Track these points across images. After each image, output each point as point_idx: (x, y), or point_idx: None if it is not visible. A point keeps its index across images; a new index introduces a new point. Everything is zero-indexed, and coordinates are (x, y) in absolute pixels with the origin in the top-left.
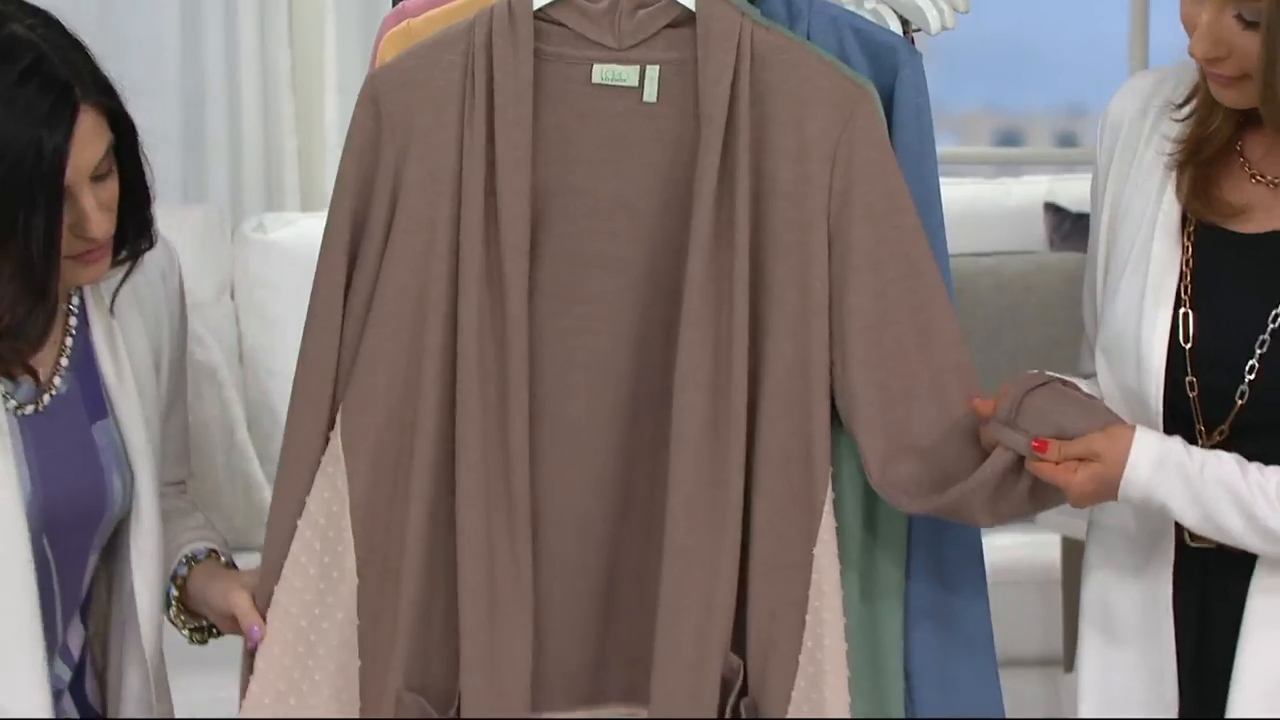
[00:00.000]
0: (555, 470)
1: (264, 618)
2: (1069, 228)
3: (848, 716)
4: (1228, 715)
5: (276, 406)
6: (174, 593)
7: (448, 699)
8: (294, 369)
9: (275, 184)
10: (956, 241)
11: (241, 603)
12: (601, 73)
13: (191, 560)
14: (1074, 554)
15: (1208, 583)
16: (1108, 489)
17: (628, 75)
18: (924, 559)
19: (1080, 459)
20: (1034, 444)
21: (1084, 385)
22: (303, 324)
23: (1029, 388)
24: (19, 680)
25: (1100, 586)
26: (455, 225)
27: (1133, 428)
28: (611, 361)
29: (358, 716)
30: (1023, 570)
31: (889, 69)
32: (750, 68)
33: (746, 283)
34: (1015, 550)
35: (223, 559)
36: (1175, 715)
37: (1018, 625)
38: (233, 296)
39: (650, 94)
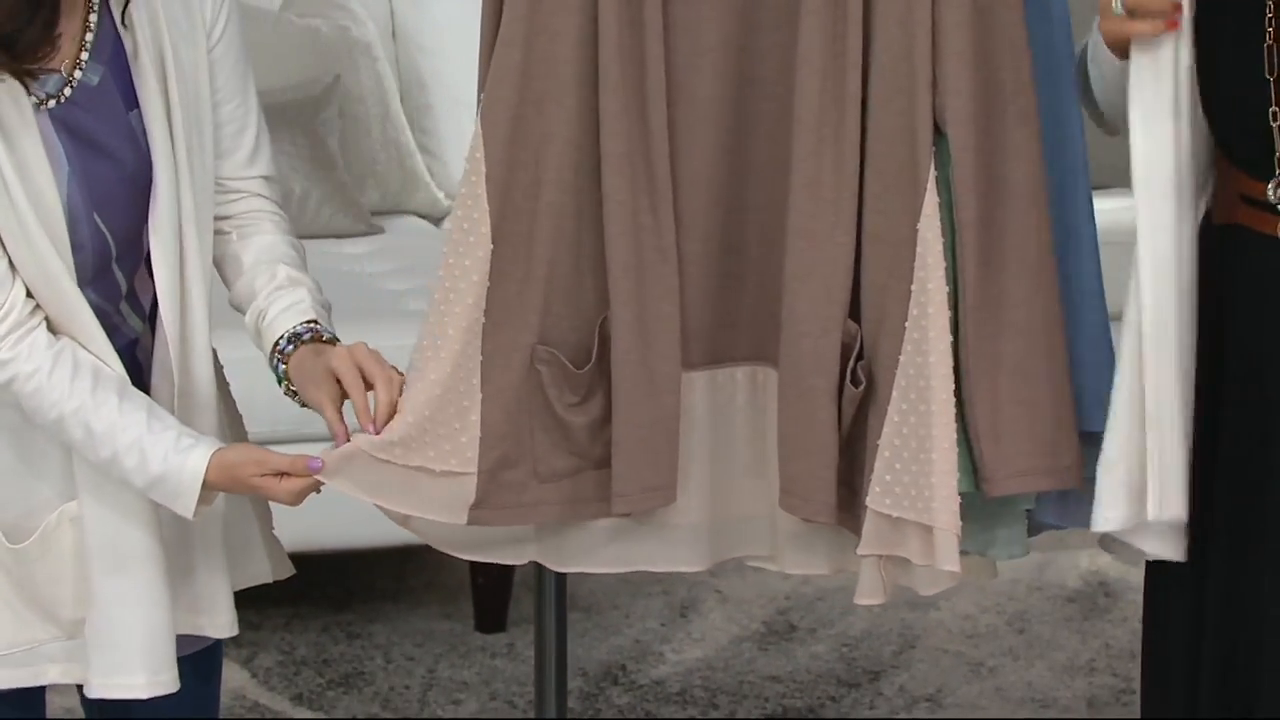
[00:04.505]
0: (686, 144)
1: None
2: None
3: (951, 381)
4: None
5: (426, 80)
6: (282, 369)
7: (579, 355)
8: (442, 45)
9: None
10: None
11: (327, 413)
12: None
13: (296, 339)
14: None
15: None
16: None
17: None
18: None
19: None
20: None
21: None
22: (449, 3)
23: None
24: (67, 296)
25: None
26: None
27: None
28: (737, 45)
29: (478, 366)
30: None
31: None
32: None
33: None
34: (1125, 214)
35: (323, 336)
36: None
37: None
38: None
39: None
